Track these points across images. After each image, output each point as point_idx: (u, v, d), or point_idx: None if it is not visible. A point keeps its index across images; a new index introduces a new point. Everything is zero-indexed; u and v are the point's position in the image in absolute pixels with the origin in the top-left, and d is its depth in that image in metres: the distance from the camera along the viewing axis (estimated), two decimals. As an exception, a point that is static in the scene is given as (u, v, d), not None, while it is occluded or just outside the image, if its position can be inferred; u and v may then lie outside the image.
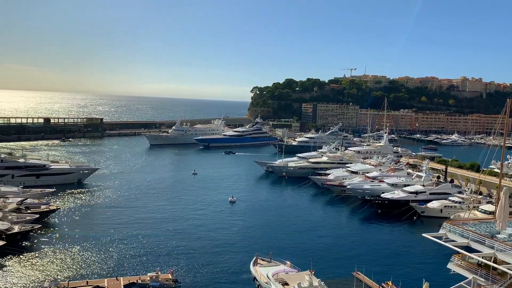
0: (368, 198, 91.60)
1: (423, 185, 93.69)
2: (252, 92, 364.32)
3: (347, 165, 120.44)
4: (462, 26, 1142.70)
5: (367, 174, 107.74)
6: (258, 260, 53.28)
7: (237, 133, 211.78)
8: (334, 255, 63.83)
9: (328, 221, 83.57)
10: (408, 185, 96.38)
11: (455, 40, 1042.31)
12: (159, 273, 50.73)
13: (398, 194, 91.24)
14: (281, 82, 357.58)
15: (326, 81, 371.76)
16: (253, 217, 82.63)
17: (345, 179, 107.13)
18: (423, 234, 44.44)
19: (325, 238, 71.74)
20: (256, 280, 49.73)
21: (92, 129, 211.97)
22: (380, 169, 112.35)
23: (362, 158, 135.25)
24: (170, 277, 50.85)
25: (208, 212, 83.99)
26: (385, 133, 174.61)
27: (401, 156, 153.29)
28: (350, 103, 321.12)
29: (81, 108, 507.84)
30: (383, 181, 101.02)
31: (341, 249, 66.87)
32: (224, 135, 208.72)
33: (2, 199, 73.30)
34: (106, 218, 77.01)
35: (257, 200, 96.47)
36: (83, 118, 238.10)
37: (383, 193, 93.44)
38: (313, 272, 46.72)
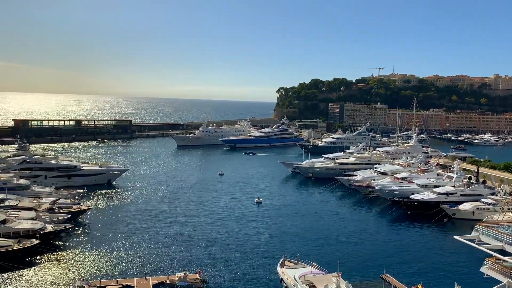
0: (397, 199, 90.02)
1: (454, 186, 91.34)
2: (278, 93, 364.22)
3: (375, 166, 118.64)
4: (494, 24, 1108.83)
5: (396, 175, 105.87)
6: (285, 261, 53.13)
7: (263, 134, 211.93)
8: (362, 257, 62.96)
9: (355, 222, 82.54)
10: (439, 186, 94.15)
11: (486, 38, 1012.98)
12: (187, 273, 51.23)
13: (428, 195, 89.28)
14: (307, 82, 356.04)
15: (353, 81, 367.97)
16: (280, 218, 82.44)
17: (373, 180, 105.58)
18: (454, 237, 43.41)
19: (352, 240, 70.87)
20: (283, 281, 49.60)
21: (121, 131, 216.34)
22: (409, 170, 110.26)
23: (391, 159, 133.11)
24: (198, 277, 51.29)
25: (235, 213, 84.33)
26: (415, 133, 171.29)
27: (431, 157, 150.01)
28: (378, 103, 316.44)
29: (108, 110, 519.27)
30: (412, 182, 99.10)
31: (369, 251, 65.89)
32: (250, 136, 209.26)
33: (36, 199, 75.68)
34: (135, 218, 78.37)
35: (284, 201, 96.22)
36: (112, 120, 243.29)
37: (412, 194, 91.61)
38: (340, 274, 46.25)
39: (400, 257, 63.34)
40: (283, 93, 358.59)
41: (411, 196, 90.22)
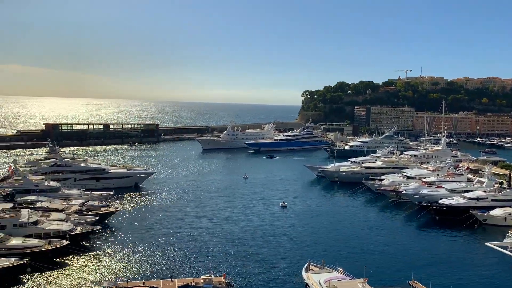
0: (425, 204, 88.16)
1: (485, 191, 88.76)
2: (303, 96, 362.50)
3: (402, 170, 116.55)
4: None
5: (424, 179, 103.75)
6: (310, 266, 52.79)
7: (287, 137, 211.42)
8: (389, 263, 61.87)
9: (382, 227, 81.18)
10: (469, 191, 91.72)
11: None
12: (212, 276, 51.46)
13: (457, 200, 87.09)
14: (332, 85, 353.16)
15: (380, 83, 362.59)
16: (305, 222, 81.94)
17: (401, 184, 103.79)
18: (485, 243, 42.24)
19: (379, 245, 69.71)
20: (308, 286, 49.26)
21: (148, 135, 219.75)
22: (438, 174, 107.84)
23: (419, 163, 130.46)
24: (223, 280, 51.42)
25: (260, 216, 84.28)
26: (443, 136, 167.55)
27: (460, 161, 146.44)
28: (406, 106, 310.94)
29: (135, 114, 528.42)
30: (441, 187, 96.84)
31: (396, 256, 64.68)
32: (274, 139, 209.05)
33: (66, 201, 77.63)
34: (162, 220, 79.36)
35: (309, 205, 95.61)
36: (140, 124, 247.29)
37: (441, 199, 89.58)
38: (366, 280, 45.63)
39: (429, 264, 61.87)
40: (308, 96, 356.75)
41: (440, 201, 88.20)
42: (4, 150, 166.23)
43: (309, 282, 49.10)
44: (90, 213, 73.95)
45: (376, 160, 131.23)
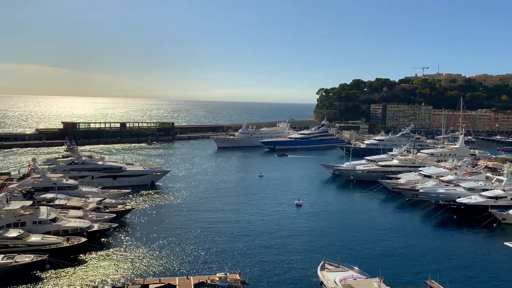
0: (442, 203, 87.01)
1: (504, 190, 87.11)
2: (318, 94, 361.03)
3: (419, 168, 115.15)
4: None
5: (441, 178, 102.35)
6: (326, 264, 52.62)
7: (302, 135, 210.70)
8: (405, 262, 61.23)
9: (399, 226, 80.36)
10: (487, 189, 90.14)
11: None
12: (228, 273, 51.72)
13: (475, 199, 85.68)
14: (348, 83, 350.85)
15: (396, 81, 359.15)
16: (320, 220, 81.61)
17: (418, 183, 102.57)
18: (505, 243, 41.51)
19: (395, 244, 69.05)
20: (323, 285, 49.09)
21: (164, 133, 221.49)
22: (456, 173, 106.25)
23: (436, 161, 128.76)
24: (238, 278, 51.64)
25: (275, 214, 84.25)
26: (461, 134, 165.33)
27: (479, 159, 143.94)
28: (423, 103, 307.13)
29: (150, 112, 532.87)
30: (459, 185, 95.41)
31: (413, 256, 63.97)
32: (289, 137, 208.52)
33: (83, 199, 78.80)
34: (177, 218, 79.94)
35: (324, 204, 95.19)
36: (155, 123, 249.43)
37: (459, 197, 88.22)
38: (382, 280, 45.27)
39: (446, 263, 61.08)
40: (323, 94, 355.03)
41: (458, 200, 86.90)
42: (24, 148, 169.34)
43: (324, 280, 48.93)
44: (107, 210, 74.94)
45: (392, 158, 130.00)
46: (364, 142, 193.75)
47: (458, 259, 63.42)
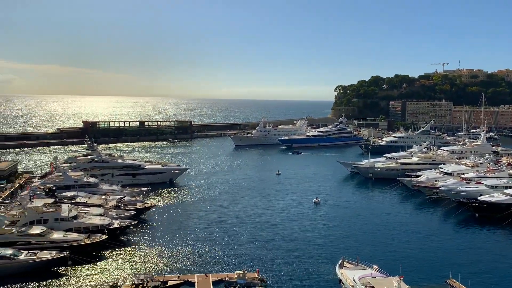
0: (463, 201, 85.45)
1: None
2: (336, 91, 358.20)
3: (439, 166, 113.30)
4: None
5: (462, 176, 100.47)
6: (345, 262, 52.28)
7: (320, 133, 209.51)
8: (426, 260, 60.35)
9: (418, 224, 79.27)
10: (510, 187, 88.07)
11: None
12: (246, 271, 51.82)
13: (498, 197, 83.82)
14: (366, 80, 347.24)
15: (416, 77, 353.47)
16: (339, 218, 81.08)
17: (438, 180, 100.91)
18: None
19: (415, 243, 68.12)
20: (342, 283, 48.79)
21: (182, 131, 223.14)
22: (477, 170, 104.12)
23: (457, 159, 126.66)
24: (257, 275, 51.70)
25: (293, 212, 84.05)
26: (483, 131, 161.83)
27: (501, 156, 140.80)
28: (443, 100, 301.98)
29: (167, 111, 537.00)
30: (480, 183, 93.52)
31: (433, 254, 63.01)
32: (307, 135, 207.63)
33: (103, 197, 79.97)
34: (196, 216, 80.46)
35: (343, 202, 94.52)
36: (174, 121, 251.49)
37: (481, 195, 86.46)
38: (402, 278, 44.72)
39: (467, 262, 60.00)
40: (341, 91, 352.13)
41: (480, 198, 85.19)
42: (45, 147, 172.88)
43: (343, 278, 48.62)
44: (127, 208, 75.90)
45: (412, 156, 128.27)
46: (383, 139, 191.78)
47: (480, 258, 62.21)
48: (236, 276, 50.86)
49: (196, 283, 50.15)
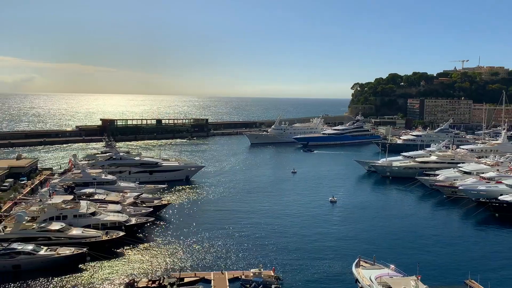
0: (483, 201, 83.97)
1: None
2: (353, 89, 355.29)
3: (458, 165, 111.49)
4: None
5: (482, 175, 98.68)
6: (361, 262, 51.92)
7: (336, 131, 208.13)
8: (444, 260, 59.55)
9: (437, 224, 78.22)
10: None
11: None
12: (262, 269, 51.86)
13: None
14: (384, 77, 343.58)
15: (434, 75, 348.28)
16: (355, 218, 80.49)
17: (457, 180, 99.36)
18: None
19: (433, 242, 67.23)
20: (358, 282, 48.46)
21: (198, 129, 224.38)
22: (498, 170, 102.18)
23: (476, 158, 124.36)
24: (272, 274, 51.71)
25: (309, 211, 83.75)
26: (504, 129, 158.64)
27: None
28: (462, 98, 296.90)
29: (182, 108, 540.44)
30: (501, 182, 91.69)
31: (452, 254, 62.14)
32: (323, 133, 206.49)
33: (121, 194, 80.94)
34: (212, 213, 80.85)
35: (359, 201, 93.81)
36: (190, 119, 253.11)
37: (501, 195, 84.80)
38: (419, 278, 44.22)
39: (487, 263, 58.94)
40: (358, 89, 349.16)
41: (500, 197, 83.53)
42: (64, 144, 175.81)
43: (359, 277, 48.28)
44: (144, 205, 76.71)
45: (430, 154, 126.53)
46: (400, 137, 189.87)
47: (500, 259, 61.06)
48: (252, 274, 50.95)
49: (212, 281, 50.44)
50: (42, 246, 56.12)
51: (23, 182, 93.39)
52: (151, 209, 74.47)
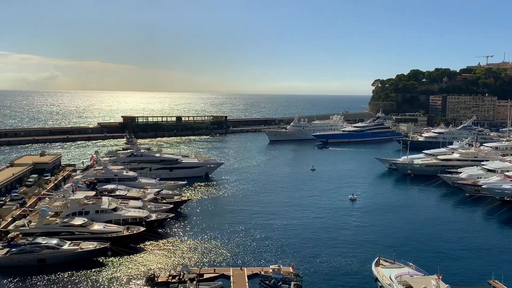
0: (508, 199, 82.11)
1: None
2: (374, 86, 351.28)
3: (482, 162, 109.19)
4: None
5: (506, 173, 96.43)
6: (381, 260, 51.46)
7: (356, 128, 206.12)
8: (466, 260, 58.56)
9: (459, 223, 76.82)
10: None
11: None
12: (281, 266, 51.88)
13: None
14: (405, 74, 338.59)
15: (457, 71, 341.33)
16: (375, 216, 79.71)
17: (480, 178, 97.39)
18: None
19: (455, 241, 66.09)
20: (378, 281, 48.05)
21: (217, 126, 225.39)
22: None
23: (501, 155, 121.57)
24: (291, 270, 51.70)
25: (328, 209, 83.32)
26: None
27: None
28: (486, 94, 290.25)
29: (206, 107, 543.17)
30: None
31: (475, 253, 61.02)
32: (343, 130, 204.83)
33: (142, 190, 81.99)
34: (231, 210, 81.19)
35: (379, 199, 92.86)
36: (209, 116, 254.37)
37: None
38: (440, 277, 43.61)
39: (512, 263, 57.69)
40: (379, 85, 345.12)
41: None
42: (87, 141, 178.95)
43: (379, 276, 47.85)
44: (164, 201, 77.56)
45: (452, 152, 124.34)
46: (422, 135, 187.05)
47: (525, 259, 59.66)
48: (271, 270, 51.01)
49: (231, 277, 50.71)
50: (65, 241, 57.37)
51: (47, 178, 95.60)
52: (171, 205, 75.23)
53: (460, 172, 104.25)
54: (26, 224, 61.10)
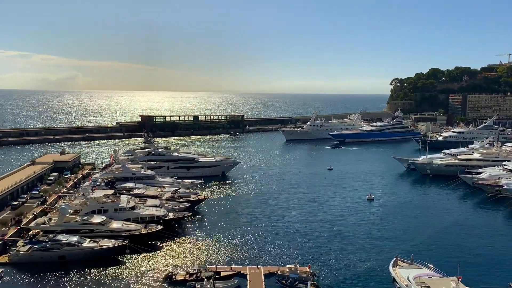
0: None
1: None
2: (392, 84, 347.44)
3: (503, 162, 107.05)
4: None
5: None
6: (398, 261, 50.89)
7: (374, 127, 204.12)
8: (487, 262, 57.48)
9: (479, 224, 75.46)
10: None
11: None
12: (298, 265, 51.78)
13: None
14: (424, 72, 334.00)
15: (478, 69, 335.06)
16: (393, 216, 78.89)
17: (501, 178, 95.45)
18: None
19: (475, 243, 64.98)
20: (396, 282, 47.54)
21: (234, 126, 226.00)
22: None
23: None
24: (308, 270, 51.56)
25: (345, 208, 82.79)
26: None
27: None
28: (508, 93, 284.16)
29: (222, 106, 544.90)
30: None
31: (496, 256, 59.85)
32: (360, 130, 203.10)
33: (159, 189, 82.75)
34: (248, 209, 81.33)
35: (397, 199, 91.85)
36: (226, 116, 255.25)
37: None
38: (460, 279, 42.92)
39: (534, 266, 56.39)
40: (398, 84, 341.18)
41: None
42: (106, 140, 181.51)
43: (397, 277, 47.34)
44: (181, 200, 78.12)
45: (473, 152, 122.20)
46: (441, 134, 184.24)
47: (548, 261, 58.28)
48: (287, 270, 50.97)
49: (248, 275, 50.83)
50: (85, 238, 58.32)
51: (66, 176, 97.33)
52: (189, 204, 75.72)
53: (481, 173, 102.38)
54: (47, 222, 62.29)
